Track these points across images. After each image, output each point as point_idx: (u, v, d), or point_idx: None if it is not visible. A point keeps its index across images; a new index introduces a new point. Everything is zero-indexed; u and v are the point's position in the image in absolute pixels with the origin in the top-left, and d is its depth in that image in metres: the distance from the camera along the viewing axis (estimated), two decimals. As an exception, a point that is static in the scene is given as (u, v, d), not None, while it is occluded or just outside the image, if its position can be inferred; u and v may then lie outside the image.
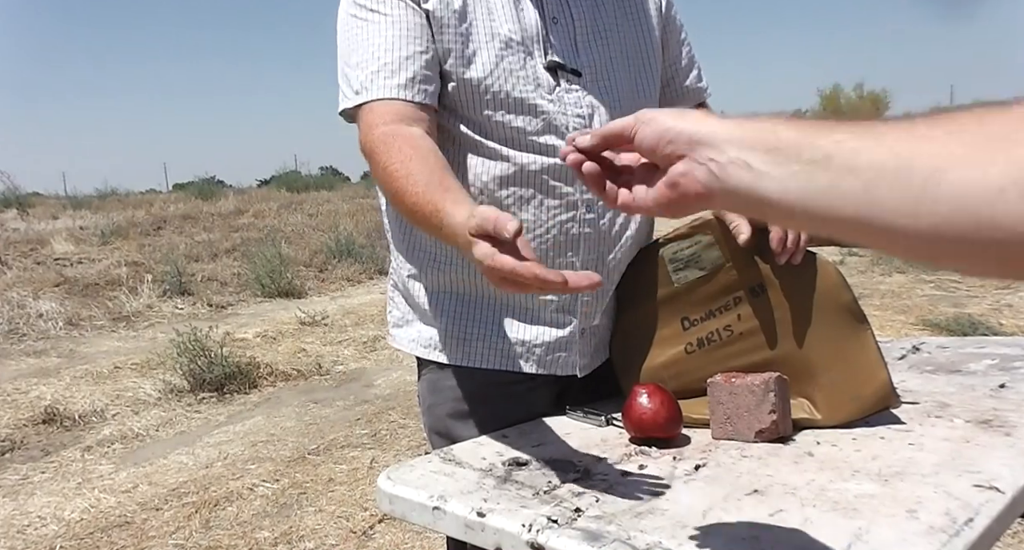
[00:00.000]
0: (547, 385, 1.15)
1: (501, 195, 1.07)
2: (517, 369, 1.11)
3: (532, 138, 1.06)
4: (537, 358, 1.11)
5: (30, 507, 2.75)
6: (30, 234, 9.07)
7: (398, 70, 1.02)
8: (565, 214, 1.08)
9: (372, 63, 1.03)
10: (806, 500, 0.78)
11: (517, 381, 1.12)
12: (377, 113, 1.01)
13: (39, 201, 14.22)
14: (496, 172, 1.07)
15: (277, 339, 5.12)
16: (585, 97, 1.09)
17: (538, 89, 1.06)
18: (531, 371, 1.11)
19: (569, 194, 1.07)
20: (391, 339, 1.23)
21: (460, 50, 1.05)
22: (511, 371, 1.11)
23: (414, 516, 0.86)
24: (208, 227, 9.78)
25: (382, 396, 3.91)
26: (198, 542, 2.42)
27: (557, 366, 1.13)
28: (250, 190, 16.74)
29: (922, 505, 0.75)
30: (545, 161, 1.06)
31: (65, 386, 4.23)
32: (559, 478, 0.88)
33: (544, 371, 1.12)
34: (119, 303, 6.06)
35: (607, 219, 1.11)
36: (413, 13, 1.05)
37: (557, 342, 1.12)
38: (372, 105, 1.02)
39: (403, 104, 1.02)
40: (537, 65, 1.07)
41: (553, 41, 1.08)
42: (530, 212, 1.07)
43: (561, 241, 1.08)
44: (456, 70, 1.05)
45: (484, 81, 1.05)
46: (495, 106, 1.06)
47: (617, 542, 0.70)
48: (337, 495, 2.72)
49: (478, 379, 1.12)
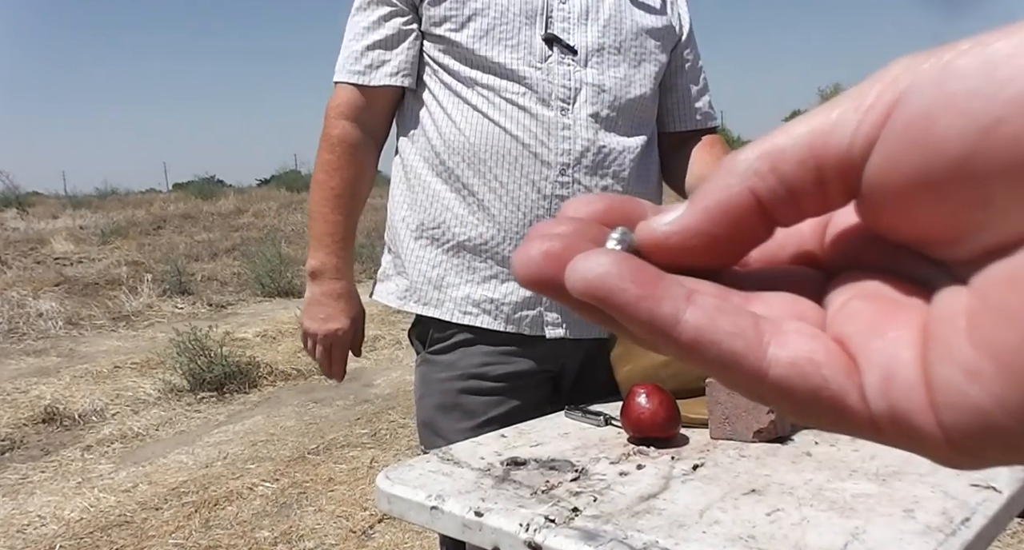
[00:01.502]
0: (536, 382, 1.18)
1: (481, 154, 1.15)
2: (484, 325, 1.17)
3: (514, 99, 1.14)
4: (505, 316, 1.17)
5: (30, 506, 2.75)
6: (30, 233, 9.08)
7: (360, 58, 1.21)
8: (539, 175, 1.14)
9: (345, 49, 1.24)
10: (804, 500, 0.78)
11: (503, 376, 1.17)
12: (340, 98, 1.23)
13: (39, 200, 14.24)
14: (478, 131, 1.15)
15: (277, 338, 5.12)
16: (575, 72, 1.15)
17: (528, 56, 1.14)
18: (498, 328, 1.16)
19: (544, 155, 1.14)
20: (374, 294, 1.31)
21: (456, 17, 1.15)
22: (487, 344, 1.17)
23: (412, 516, 0.87)
24: (208, 227, 9.78)
25: (382, 396, 3.91)
26: (198, 542, 2.42)
27: (524, 325, 1.17)
28: (250, 190, 16.76)
29: (919, 504, 0.75)
30: (525, 123, 1.14)
31: (65, 385, 4.23)
32: (557, 478, 0.88)
33: (513, 329, 1.17)
34: (119, 302, 6.06)
35: (584, 184, 1.16)
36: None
37: (524, 301, 1.17)
38: (338, 87, 1.23)
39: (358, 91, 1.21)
40: (534, 35, 1.14)
41: (555, 16, 1.15)
42: (506, 172, 1.14)
43: (535, 200, 1.14)
44: (449, 34, 1.15)
45: (474, 45, 1.14)
46: (483, 68, 1.15)
47: (614, 542, 0.70)
48: (337, 495, 2.72)
49: (465, 371, 1.17)
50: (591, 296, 0.17)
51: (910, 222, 0.17)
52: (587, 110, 1.14)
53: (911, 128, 0.15)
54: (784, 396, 0.17)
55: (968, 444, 0.15)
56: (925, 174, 0.15)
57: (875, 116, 0.16)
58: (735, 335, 0.17)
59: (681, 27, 1.28)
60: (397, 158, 1.27)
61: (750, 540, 0.70)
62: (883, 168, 0.16)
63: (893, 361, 0.16)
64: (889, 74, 0.16)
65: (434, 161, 1.18)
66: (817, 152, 0.17)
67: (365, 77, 1.19)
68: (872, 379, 0.16)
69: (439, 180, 1.18)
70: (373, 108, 1.22)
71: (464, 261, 1.17)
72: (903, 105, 0.16)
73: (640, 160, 1.19)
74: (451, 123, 1.17)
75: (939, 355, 0.15)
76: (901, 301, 0.17)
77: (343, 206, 1.21)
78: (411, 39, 1.19)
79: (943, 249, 0.17)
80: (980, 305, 0.15)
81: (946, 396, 0.15)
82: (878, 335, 0.17)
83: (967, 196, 0.15)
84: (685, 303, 0.17)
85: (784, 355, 0.17)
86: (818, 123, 0.17)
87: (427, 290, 1.19)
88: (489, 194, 1.14)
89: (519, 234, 1.14)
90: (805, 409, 0.17)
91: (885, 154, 0.16)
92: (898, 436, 0.16)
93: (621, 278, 0.17)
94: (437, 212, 1.18)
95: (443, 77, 1.18)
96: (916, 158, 0.15)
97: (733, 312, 0.17)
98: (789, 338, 0.17)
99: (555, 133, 1.13)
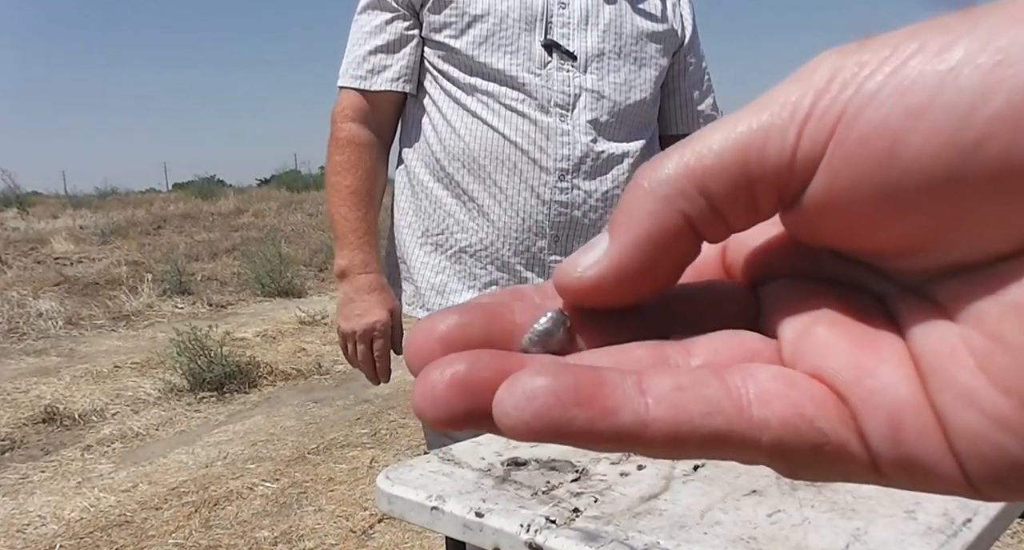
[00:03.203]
0: None
1: (481, 160, 1.16)
2: None
3: (513, 105, 1.15)
4: None
5: (30, 506, 2.75)
6: (30, 233, 9.07)
7: (362, 63, 1.22)
8: (538, 180, 1.15)
9: (348, 53, 1.25)
10: (804, 500, 0.78)
11: None
12: (344, 102, 1.24)
13: (39, 200, 14.24)
14: (477, 137, 1.16)
15: (277, 338, 5.12)
16: (575, 78, 1.15)
17: (527, 62, 1.14)
18: None
19: (543, 160, 1.15)
20: None
21: (456, 23, 1.16)
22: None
23: (412, 516, 0.86)
24: (208, 226, 9.78)
25: (382, 396, 3.91)
26: (198, 541, 2.42)
27: None
28: (250, 189, 16.76)
29: (920, 505, 0.75)
30: (524, 129, 1.14)
31: (65, 385, 4.23)
32: (557, 478, 0.88)
33: None
34: (119, 302, 6.06)
35: (584, 189, 1.16)
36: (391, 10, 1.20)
37: None
38: (342, 91, 1.24)
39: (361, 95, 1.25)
40: (534, 41, 1.14)
41: (555, 22, 1.15)
42: (505, 177, 1.15)
43: (534, 206, 1.15)
44: (448, 41, 1.16)
45: (473, 52, 1.14)
46: (482, 74, 1.15)
47: (615, 542, 0.70)
48: (337, 494, 2.72)
49: None
50: (537, 437, 0.15)
51: (859, 236, 0.16)
52: (586, 116, 1.14)
53: (869, 145, 0.14)
54: (783, 457, 0.15)
55: (994, 487, 0.14)
56: (890, 193, 0.14)
57: (817, 129, 0.15)
58: (711, 413, 0.15)
59: (684, 30, 1.28)
60: (401, 166, 1.27)
61: (751, 541, 0.70)
62: (833, 185, 0.15)
63: (895, 405, 0.15)
64: (816, 77, 0.15)
65: (435, 167, 1.19)
66: (749, 170, 0.15)
67: (367, 82, 1.20)
68: (875, 426, 0.15)
69: (440, 186, 1.19)
70: (377, 112, 1.23)
71: (466, 267, 1.18)
72: (854, 119, 0.14)
73: (640, 163, 1.19)
74: (451, 129, 1.17)
75: (954, 400, 0.14)
76: (870, 328, 0.16)
77: (360, 203, 1.21)
78: (412, 45, 1.20)
79: (895, 261, 0.16)
80: (994, 345, 0.14)
81: (972, 445, 0.14)
82: (867, 374, 0.15)
83: (938, 214, 0.14)
84: (642, 398, 0.15)
85: (772, 416, 0.15)
86: (745, 136, 0.15)
87: (431, 296, 1.20)
88: (489, 200, 1.15)
89: (519, 240, 1.15)
90: (805, 466, 0.16)
91: (835, 171, 0.15)
92: (906, 480, 0.15)
93: (562, 406, 0.14)
94: (440, 218, 1.19)
95: (443, 83, 1.18)
96: (879, 178, 0.14)
97: (695, 385, 0.15)
98: (767, 392, 0.15)
99: (554, 139, 1.13)
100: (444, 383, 0.15)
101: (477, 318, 0.17)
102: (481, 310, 0.18)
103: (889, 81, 0.14)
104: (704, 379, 0.15)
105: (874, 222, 0.15)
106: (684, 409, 0.15)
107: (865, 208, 0.15)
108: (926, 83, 0.13)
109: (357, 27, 1.22)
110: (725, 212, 0.16)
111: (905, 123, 0.14)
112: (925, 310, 0.15)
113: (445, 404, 0.15)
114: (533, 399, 0.14)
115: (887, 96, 0.14)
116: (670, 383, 0.15)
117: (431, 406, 0.15)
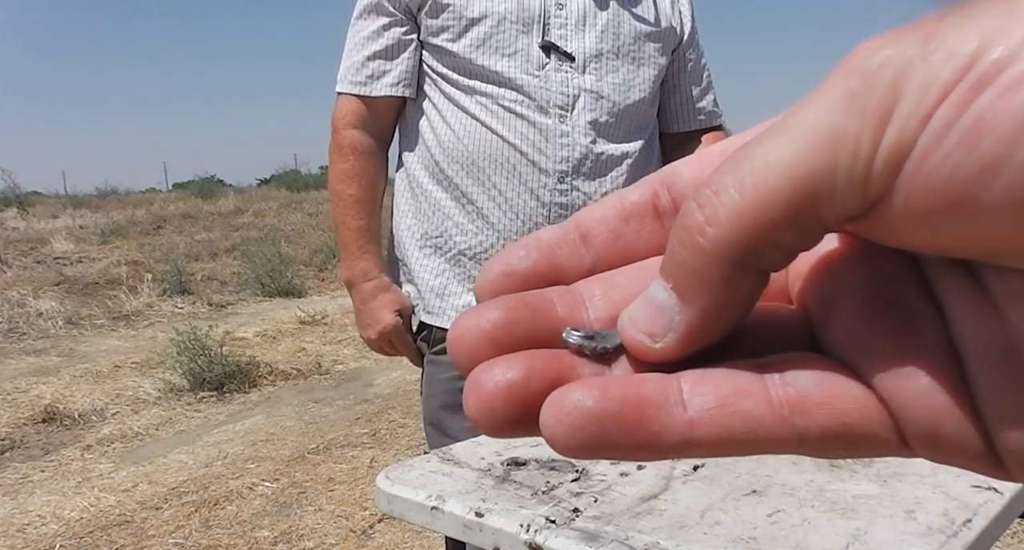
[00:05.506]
0: None
1: (480, 162, 1.16)
2: None
3: (512, 107, 1.15)
4: None
5: (30, 506, 2.75)
6: (30, 233, 9.07)
7: (361, 68, 1.23)
8: (537, 182, 1.15)
9: (346, 59, 1.26)
10: (804, 500, 0.78)
11: None
12: (345, 108, 1.25)
13: (39, 200, 14.24)
14: (476, 139, 1.16)
15: (277, 338, 5.12)
16: (573, 79, 1.15)
17: (525, 64, 1.14)
18: None
19: (542, 162, 1.15)
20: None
21: (454, 27, 1.16)
22: None
23: (412, 516, 0.86)
24: (208, 226, 9.78)
25: (382, 395, 3.91)
26: (198, 541, 2.42)
27: None
28: (250, 189, 16.77)
29: (920, 506, 0.75)
30: (523, 131, 1.14)
31: (65, 385, 4.23)
32: (557, 478, 0.88)
33: None
34: (119, 302, 6.06)
35: (584, 190, 1.16)
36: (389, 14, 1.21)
37: None
38: (341, 97, 1.24)
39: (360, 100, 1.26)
40: (532, 43, 1.15)
41: (552, 23, 1.15)
42: (504, 180, 1.15)
43: (534, 208, 1.15)
44: (446, 45, 1.16)
45: (471, 54, 1.15)
46: (480, 76, 1.16)
47: (615, 542, 0.70)
48: (337, 494, 2.72)
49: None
50: (584, 455, 0.15)
51: (963, 238, 0.14)
52: (586, 117, 1.14)
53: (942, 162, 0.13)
54: (818, 454, 0.16)
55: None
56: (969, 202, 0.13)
57: (883, 168, 0.14)
58: (754, 429, 0.15)
59: (683, 28, 1.27)
60: (401, 169, 1.27)
61: (751, 541, 0.70)
62: (909, 199, 0.14)
63: (935, 413, 0.15)
64: (881, 77, 0.13)
65: (435, 170, 1.19)
66: (820, 214, 0.14)
67: (366, 88, 1.21)
68: (916, 430, 0.15)
69: (440, 189, 1.19)
70: (377, 117, 1.24)
71: (465, 270, 1.18)
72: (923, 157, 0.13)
73: (639, 163, 1.19)
74: (450, 132, 1.18)
75: (1000, 417, 0.14)
76: (917, 335, 0.15)
77: (363, 211, 1.23)
78: (411, 49, 1.20)
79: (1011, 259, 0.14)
80: None
81: (1016, 459, 0.14)
82: (906, 377, 0.15)
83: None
84: (685, 415, 0.15)
85: (814, 425, 0.15)
86: (809, 182, 0.14)
87: (431, 298, 1.21)
88: (488, 202, 1.15)
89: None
90: (837, 457, 0.16)
91: (911, 190, 0.13)
92: (936, 461, 0.16)
93: (607, 436, 0.15)
94: (439, 221, 1.19)
95: (442, 86, 1.19)
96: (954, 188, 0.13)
97: (737, 398, 0.15)
98: (809, 399, 0.15)
99: (553, 141, 1.13)
100: (501, 396, 0.16)
101: (523, 317, 0.17)
102: (525, 307, 0.18)
103: (989, 85, 0.13)
104: (746, 388, 0.15)
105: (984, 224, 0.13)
106: (727, 427, 0.15)
107: (944, 213, 0.13)
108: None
109: (354, 32, 1.22)
110: (797, 251, 0.16)
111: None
112: (978, 315, 0.15)
113: (502, 416, 0.16)
114: (580, 429, 0.15)
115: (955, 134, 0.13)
116: (713, 400, 0.15)
117: (487, 417, 0.16)
